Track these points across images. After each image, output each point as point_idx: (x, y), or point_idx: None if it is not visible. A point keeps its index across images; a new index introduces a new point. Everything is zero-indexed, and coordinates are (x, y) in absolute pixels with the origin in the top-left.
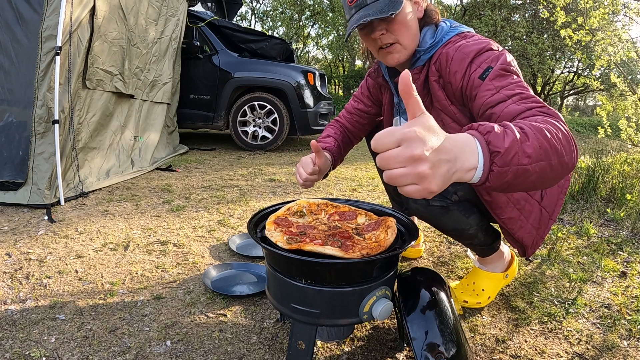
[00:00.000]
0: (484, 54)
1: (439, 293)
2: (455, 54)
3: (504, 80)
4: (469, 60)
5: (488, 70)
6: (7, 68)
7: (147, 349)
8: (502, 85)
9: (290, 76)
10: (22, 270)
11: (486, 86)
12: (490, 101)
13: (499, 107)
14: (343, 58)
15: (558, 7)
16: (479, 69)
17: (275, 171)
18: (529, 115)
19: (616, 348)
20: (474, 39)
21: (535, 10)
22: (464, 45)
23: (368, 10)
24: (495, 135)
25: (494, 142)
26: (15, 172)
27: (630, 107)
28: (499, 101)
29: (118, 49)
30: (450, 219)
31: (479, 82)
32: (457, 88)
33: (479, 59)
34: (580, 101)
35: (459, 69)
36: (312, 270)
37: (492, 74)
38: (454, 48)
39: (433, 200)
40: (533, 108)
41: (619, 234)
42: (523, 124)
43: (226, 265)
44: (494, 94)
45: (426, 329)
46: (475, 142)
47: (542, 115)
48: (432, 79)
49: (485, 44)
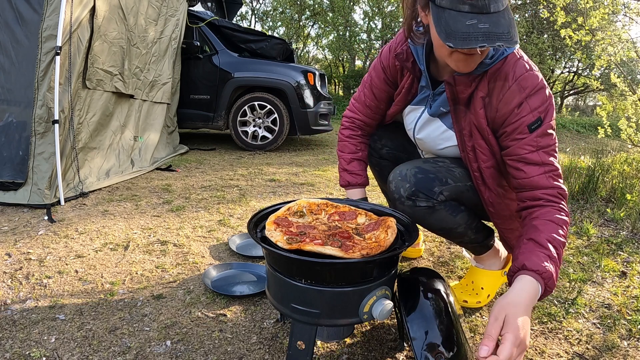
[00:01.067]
0: (539, 95)
1: (439, 293)
2: (514, 84)
3: (546, 139)
4: (524, 96)
5: (537, 122)
6: (7, 68)
7: (147, 349)
8: (542, 146)
9: (290, 76)
10: (22, 270)
11: (529, 140)
12: (526, 158)
13: (530, 170)
14: (343, 58)
15: (558, 7)
16: (531, 115)
17: (275, 171)
18: (551, 199)
19: (616, 348)
20: (530, 67)
21: (535, 10)
22: (524, 76)
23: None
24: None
25: (551, 285)
26: (15, 172)
27: (630, 107)
28: (533, 162)
29: (118, 49)
30: (437, 218)
31: (525, 130)
32: (500, 117)
33: (533, 101)
34: (580, 101)
35: (512, 101)
36: (312, 270)
37: (540, 130)
38: (514, 75)
39: (419, 201)
40: (555, 189)
41: (619, 234)
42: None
43: (226, 265)
44: (532, 152)
45: (426, 328)
46: (539, 286)
47: (559, 200)
48: (479, 94)
49: (539, 79)
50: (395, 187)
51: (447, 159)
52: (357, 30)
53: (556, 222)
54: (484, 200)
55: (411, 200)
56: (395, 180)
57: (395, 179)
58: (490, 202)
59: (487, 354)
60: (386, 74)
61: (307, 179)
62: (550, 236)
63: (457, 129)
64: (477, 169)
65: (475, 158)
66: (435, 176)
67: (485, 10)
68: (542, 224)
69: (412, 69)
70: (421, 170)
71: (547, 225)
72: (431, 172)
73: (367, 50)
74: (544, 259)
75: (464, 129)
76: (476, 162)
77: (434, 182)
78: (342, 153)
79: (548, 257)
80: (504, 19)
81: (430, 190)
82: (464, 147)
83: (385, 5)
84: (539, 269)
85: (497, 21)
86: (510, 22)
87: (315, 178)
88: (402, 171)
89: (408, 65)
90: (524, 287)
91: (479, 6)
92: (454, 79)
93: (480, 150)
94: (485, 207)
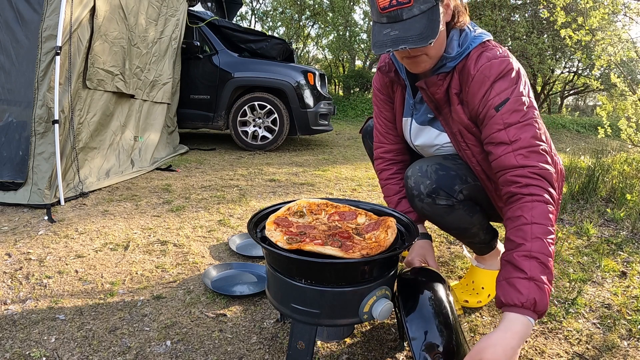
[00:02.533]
0: (504, 79)
1: (438, 293)
2: (477, 74)
3: (515, 115)
4: (489, 84)
5: (505, 102)
6: (8, 68)
7: (147, 349)
8: (511, 123)
9: (290, 76)
10: (22, 270)
11: (496, 119)
12: (493, 138)
13: (498, 149)
14: (343, 58)
15: (558, 7)
16: (497, 97)
17: (275, 171)
18: (522, 181)
19: (616, 348)
20: (494, 55)
21: (535, 10)
22: (485, 65)
23: (405, 30)
24: (539, 304)
25: (541, 309)
26: (15, 172)
27: (630, 107)
28: (501, 141)
29: (119, 49)
30: (455, 217)
31: (493, 112)
32: (473, 109)
33: (498, 85)
34: (580, 101)
35: (478, 91)
36: (312, 270)
37: (507, 107)
38: (476, 66)
39: (439, 199)
40: (525, 167)
41: (619, 234)
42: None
43: (226, 265)
44: (500, 131)
45: (425, 329)
46: (527, 318)
47: (534, 182)
48: (453, 91)
49: (505, 64)
50: (415, 183)
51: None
52: (357, 30)
53: (530, 221)
54: (492, 195)
55: (431, 198)
56: (414, 175)
57: (414, 175)
58: (498, 195)
59: None
60: (382, 93)
61: (307, 179)
62: (525, 249)
63: (448, 131)
64: (477, 164)
65: (472, 153)
66: (456, 174)
67: (398, 19)
68: (514, 232)
69: (396, 79)
70: (442, 167)
71: (520, 233)
72: (452, 169)
73: (367, 50)
74: (523, 286)
75: (453, 128)
76: (473, 156)
77: (455, 180)
78: (388, 197)
79: (527, 281)
80: (418, 23)
81: (452, 188)
82: (459, 146)
83: None
84: (517, 302)
85: (409, 27)
86: (427, 23)
87: (315, 178)
88: (422, 167)
89: (391, 75)
90: (508, 326)
91: (392, 16)
92: (425, 83)
93: (471, 144)
94: (494, 202)
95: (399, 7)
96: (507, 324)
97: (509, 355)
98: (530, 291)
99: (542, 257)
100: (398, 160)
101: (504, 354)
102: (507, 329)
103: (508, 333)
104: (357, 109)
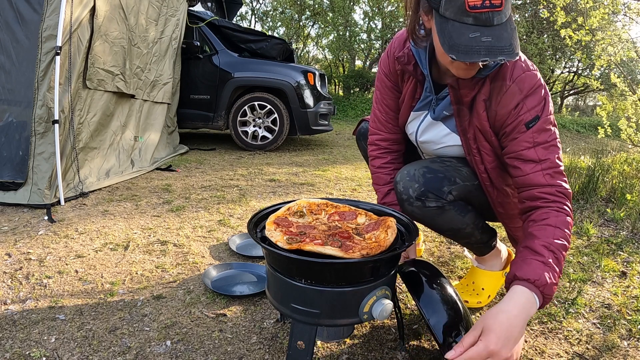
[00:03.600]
0: (536, 94)
1: (441, 279)
2: (512, 85)
3: (544, 135)
4: (522, 97)
5: (535, 120)
6: (8, 68)
7: (147, 349)
8: (540, 142)
9: (290, 76)
10: (22, 270)
11: (526, 137)
12: (522, 155)
13: (527, 167)
14: (343, 58)
15: (558, 7)
16: (528, 114)
17: (275, 171)
18: (550, 197)
19: (616, 348)
20: (527, 67)
21: (535, 10)
22: (520, 78)
23: (497, 38)
24: (549, 286)
25: (549, 292)
26: (15, 172)
27: (630, 107)
28: (530, 159)
29: (119, 49)
30: (446, 218)
31: (523, 128)
32: (500, 118)
33: (530, 101)
34: (580, 101)
35: (510, 103)
36: (312, 270)
37: (537, 125)
38: (512, 77)
39: (429, 201)
40: (553, 186)
41: (619, 234)
42: (557, 246)
43: (226, 265)
44: (529, 149)
45: (440, 311)
46: (534, 296)
47: (559, 199)
48: (481, 97)
49: (537, 79)
50: (404, 188)
51: (453, 158)
52: (357, 30)
53: (554, 224)
54: (493, 201)
55: (420, 201)
56: (403, 180)
57: (403, 179)
58: (499, 202)
59: (451, 357)
60: (390, 80)
61: (307, 179)
62: (546, 241)
63: (461, 132)
64: (484, 171)
65: (481, 160)
66: (444, 175)
67: (488, 23)
68: (538, 229)
69: (414, 72)
70: (430, 169)
71: (544, 230)
72: (440, 172)
73: (367, 50)
74: (537, 266)
75: (468, 132)
76: (482, 163)
77: (443, 182)
78: (377, 185)
79: (542, 264)
80: (506, 32)
81: (440, 190)
82: (470, 150)
83: (385, 6)
84: (530, 278)
85: (500, 34)
86: (512, 33)
87: (315, 178)
88: (409, 171)
89: (409, 68)
90: (513, 297)
91: (482, 19)
92: (458, 83)
93: (485, 152)
94: (494, 207)
95: (492, 9)
96: (512, 295)
97: (516, 324)
98: (543, 272)
99: (559, 255)
100: (393, 149)
101: (509, 321)
102: (512, 300)
103: (512, 303)
104: (357, 109)
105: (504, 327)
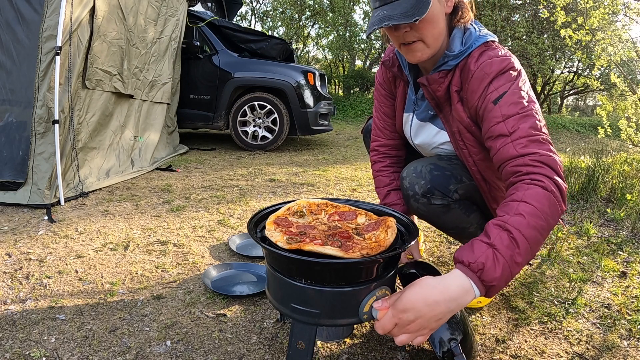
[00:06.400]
0: (504, 76)
1: None
2: (477, 71)
3: (513, 107)
4: (488, 80)
5: (503, 95)
6: (9, 68)
7: (147, 349)
8: (509, 115)
9: (290, 76)
10: (22, 270)
11: (495, 112)
12: (493, 131)
13: (498, 143)
14: (343, 58)
15: (558, 7)
16: (495, 92)
17: (275, 171)
18: (523, 170)
19: (616, 348)
20: (496, 54)
21: (535, 10)
22: (486, 62)
23: (393, 9)
24: (487, 271)
25: (487, 278)
26: (15, 172)
27: (630, 107)
28: (500, 134)
29: (117, 49)
30: (452, 217)
31: (491, 106)
32: (472, 106)
33: (497, 81)
34: (580, 101)
35: (477, 88)
36: (312, 270)
37: (504, 99)
38: (477, 64)
39: (435, 199)
40: (525, 156)
41: (619, 234)
42: (515, 223)
43: (226, 265)
44: (499, 123)
45: None
46: (469, 282)
47: (534, 170)
48: (453, 89)
49: (506, 62)
50: (410, 184)
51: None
52: (357, 30)
53: (519, 199)
54: (486, 196)
55: (426, 198)
56: (409, 176)
57: (409, 176)
58: (492, 196)
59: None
60: (384, 88)
61: (307, 179)
62: (501, 220)
63: (448, 129)
64: (473, 164)
65: (469, 152)
66: (451, 173)
67: (388, 1)
68: (501, 208)
69: (399, 74)
70: (437, 167)
71: (505, 207)
72: (447, 169)
73: (367, 50)
74: (478, 247)
75: (453, 126)
76: (470, 156)
77: (450, 180)
78: (378, 188)
79: (486, 245)
80: (406, 3)
81: (446, 188)
82: (457, 144)
83: None
84: (464, 260)
85: (395, 7)
86: (414, 4)
87: (315, 178)
88: (416, 167)
89: (394, 70)
90: (443, 277)
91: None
92: (427, 79)
93: (469, 144)
94: (488, 203)
95: None
96: (445, 276)
97: (429, 305)
98: (482, 256)
99: (516, 233)
100: (392, 154)
101: (424, 301)
102: (441, 280)
103: (440, 285)
104: (357, 109)
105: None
